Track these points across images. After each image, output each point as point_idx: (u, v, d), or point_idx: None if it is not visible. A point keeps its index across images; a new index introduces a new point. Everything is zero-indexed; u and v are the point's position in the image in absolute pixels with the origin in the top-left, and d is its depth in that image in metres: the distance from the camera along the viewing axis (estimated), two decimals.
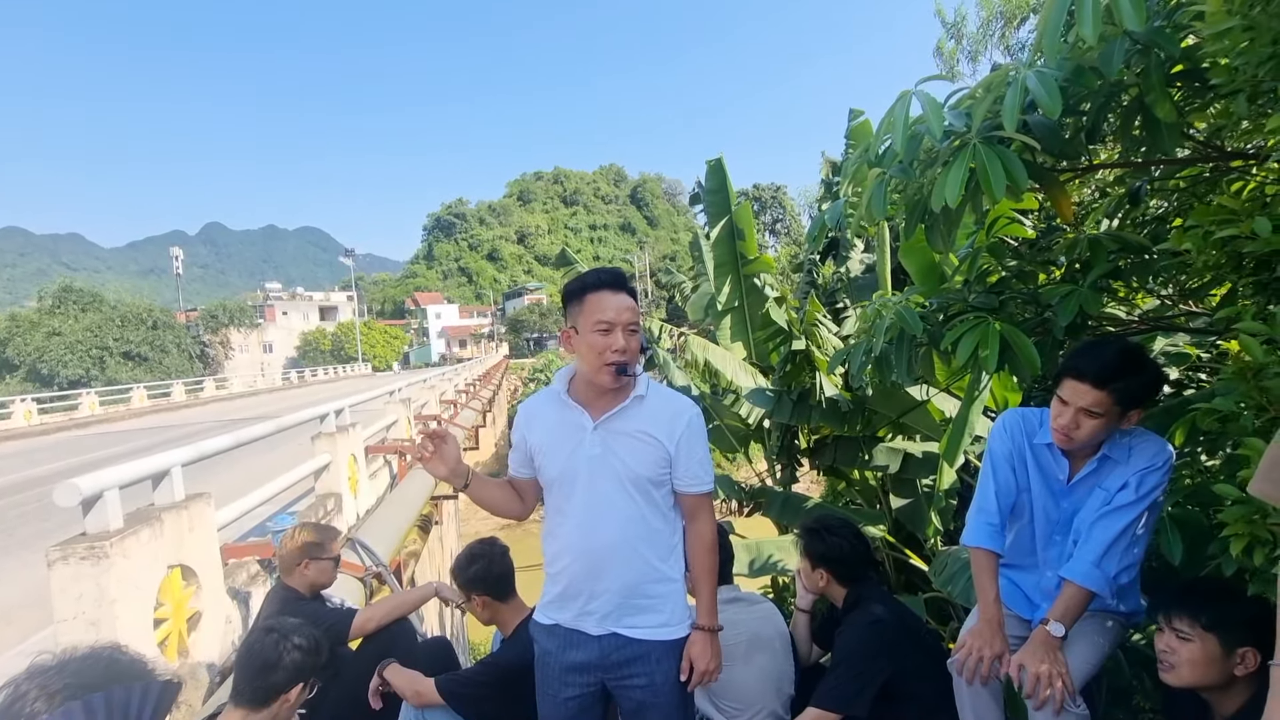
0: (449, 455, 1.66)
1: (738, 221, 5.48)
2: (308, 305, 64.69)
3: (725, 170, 5.61)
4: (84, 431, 17.15)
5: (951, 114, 1.73)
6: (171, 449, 3.37)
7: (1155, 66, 1.52)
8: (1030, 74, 1.51)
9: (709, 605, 1.72)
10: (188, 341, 45.34)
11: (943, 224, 1.91)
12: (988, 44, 14.76)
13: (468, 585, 2.27)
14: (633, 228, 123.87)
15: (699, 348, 5.18)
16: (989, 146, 1.60)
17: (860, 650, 2.02)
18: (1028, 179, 1.60)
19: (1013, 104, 1.50)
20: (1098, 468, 1.74)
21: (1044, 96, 1.47)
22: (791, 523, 4.48)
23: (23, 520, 7.04)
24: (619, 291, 1.63)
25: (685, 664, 1.68)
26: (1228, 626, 1.50)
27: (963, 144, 1.66)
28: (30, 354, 37.90)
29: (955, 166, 1.63)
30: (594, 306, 1.61)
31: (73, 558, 2.47)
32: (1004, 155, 1.59)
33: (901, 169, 1.85)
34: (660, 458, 1.66)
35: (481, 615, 2.31)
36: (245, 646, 1.78)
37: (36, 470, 10.47)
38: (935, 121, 1.65)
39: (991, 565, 1.80)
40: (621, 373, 1.61)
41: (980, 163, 1.59)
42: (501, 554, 2.30)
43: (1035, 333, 2.14)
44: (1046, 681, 1.58)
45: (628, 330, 1.60)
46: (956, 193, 1.62)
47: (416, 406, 10.46)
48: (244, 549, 4.00)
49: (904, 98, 1.75)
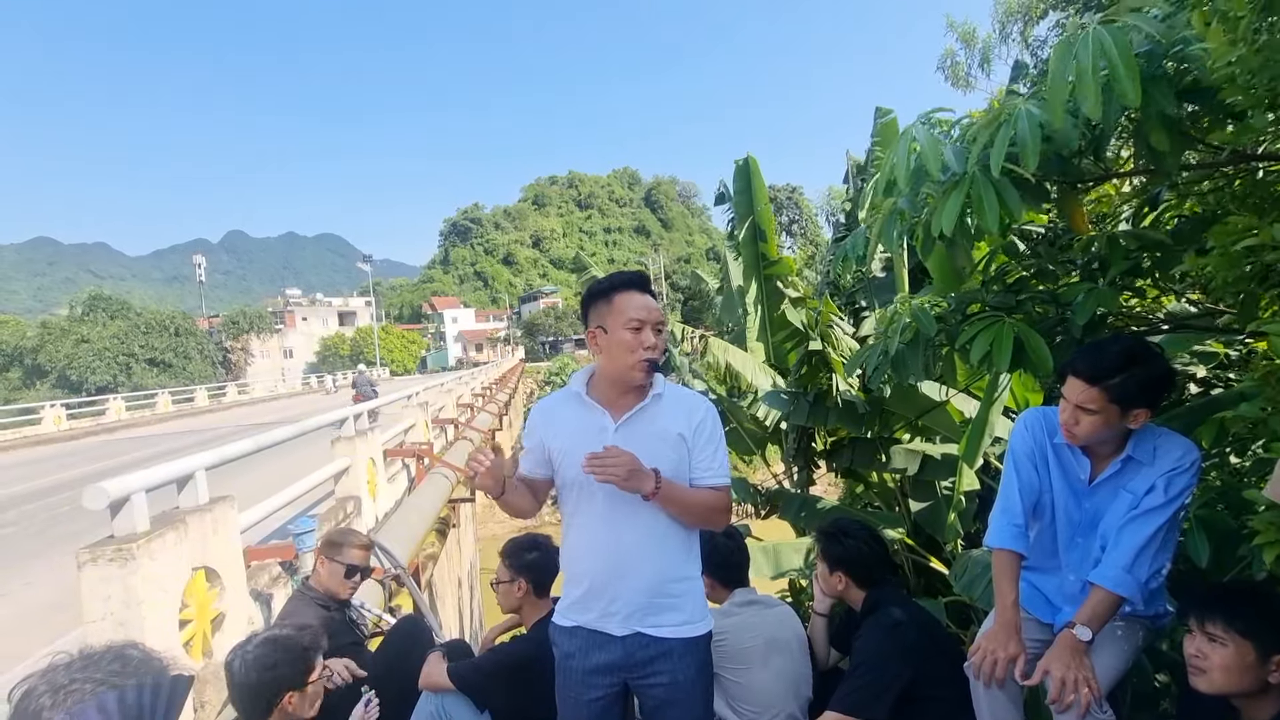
0: (498, 472, 1.67)
1: (760, 223, 5.44)
2: (327, 311, 65.58)
3: (756, 170, 5.51)
4: (111, 436, 17.53)
5: (951, 150, 1.82)
6: (196, 453, 3.44)
7: (1158, 93, 1.51)
8: (1022, 111, 1.58)
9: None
10: (210, 348, 46.23)
11: (958, 245, 1.96)
12: (1005, 44, 14.57)
13: (519, 568, 2.34)
14: (647, 230, 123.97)
15: (720, 349, 5.15)
16: (985, 176, 1.67)
17: (880, 654, 2.00)
18: (1022, 207, 1.70)
19: (1001, 144, 1.57)
20: (1121, 469, 1.71)
21: (1026, 145, 1.55)
22: (808, 526, 4.45)
23: (54, 522, 7.21)
24: (644, 292, 1.69)
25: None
26: (1264, 632, 1.45)
27: (955, 184, 1.75)
28: (60, 361, 38.90)
29: (952, 197, 1.73)
30: (624, 305, 1.66)
31: (101, 559, 2.53)
32: (999, 186, 1.66)
33: (908, 202, 1.97)
34: (680, 456, 1.69)
35: (513, 600, 2.37)
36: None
37: (66, 474, 10.72)
38: (933, 160, 1.75)
39: (1014, 567, 1.78)
40: (654, 368, 1.68)
41: (976, 194, 1.68)
42: (555, 552, 2.36)
43: (1054, 332, 2.12)
44: (1072, 686, 1.55)
45: (656, 328, 1.66)
46: (951, 223, 1.72)
47: (434, 410, 10.55)
48: (266, 551, 4.06)
49: (906, 133, 1.85)
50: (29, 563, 5.62)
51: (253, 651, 1.82)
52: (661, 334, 1.67)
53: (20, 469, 11.97)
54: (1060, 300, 2.16)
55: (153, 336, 42.04)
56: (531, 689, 2.13)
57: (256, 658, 1.80)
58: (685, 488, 1.68)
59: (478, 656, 2.45)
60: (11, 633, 4.10)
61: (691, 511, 1.70)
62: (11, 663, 3.51)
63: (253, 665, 1.78)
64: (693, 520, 1.73)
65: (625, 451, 1.58)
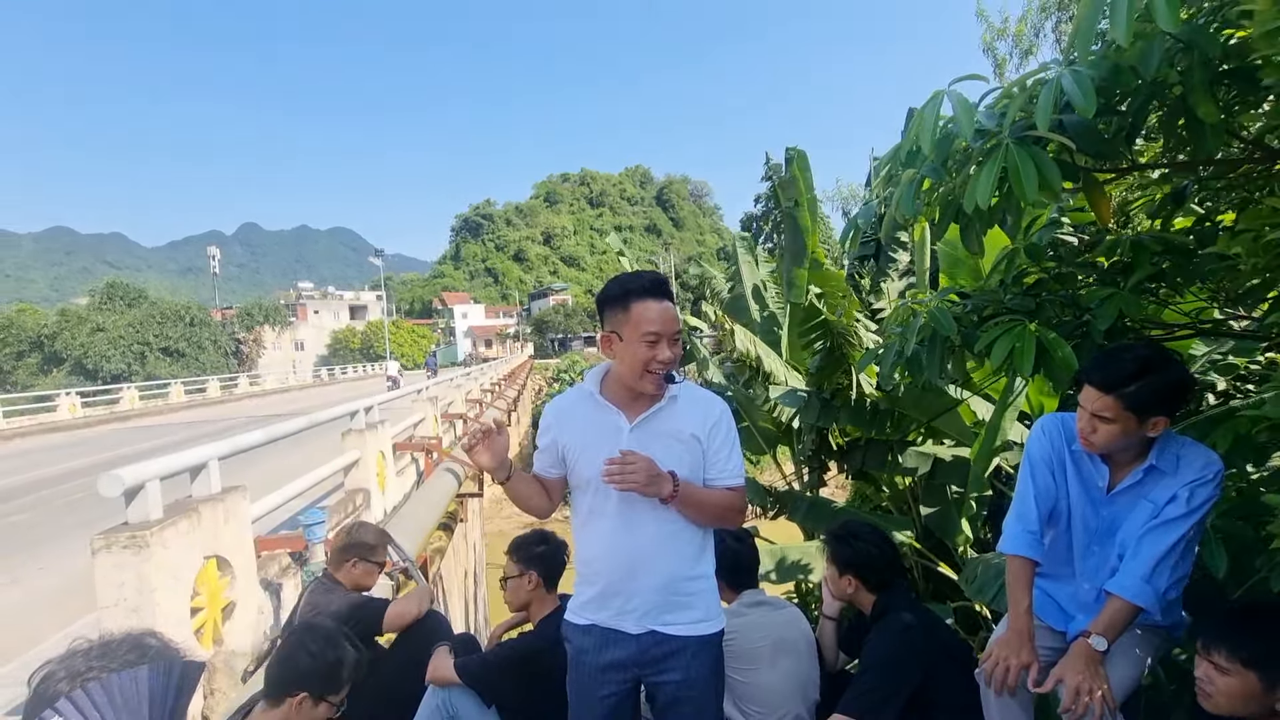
0: (497, 449, 1.66)
1: (805, 216, 5.34)
2: (338, 304, 65.99)
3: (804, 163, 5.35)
4: (124, 425, 17.73)
5: (984, 114, 1.69)
6: (209, 443, 3.47)
7: (1198, 65, 1.46)
8: (1066, 73, 1.47)
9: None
10: (223, 339, 46.69)
11: (977, 225, 1.88)
12: (1038, 41, 14.41)
13: (529, 561, 2.35)
14: (658, 229, 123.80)
15: (747, 339, 5.07)
16: (1022, 147, 1.56)
17: (889, 658, 1.99)
18: (1062, 179, 1.56)
19: (1047, 102, 1.45)
20: (1143, 479, 1.68)
21: (1079, 96, 1.42)
22: (817, 528, 4.43)
23: (69, 509, 7.30)
24: (662, 299, 1.61)
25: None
26: (1269, 663, 1.42)
27: (995, 145, 1.62)
28: (76, 349, 39.43)
29: (988, 167, 1.60)
30: (640, 317, 1.59)
31: (115, 546, 2.56)
32: (1036, 155, 1.55)
33: (933, 169, 1.81)
34: (695, 457, 1.68)
35: (522, 594, 2.37)
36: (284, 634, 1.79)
37: (80, 461, 10.86)
38: (966, 121, 1.62)
39: (1028, 574, 1.76)
40: (669, 380, 1.66)
41: (1012, 163, 1.56)
42: (562, 547, 2.39)
43: (1074, 336, 2.09)
44: (1086, 696, 1.53)
45: (672, 340, 1.61)
46: (988, 194, 1.58)
47: (443, 405, 10.59)
48: (276, 541, 4.09)
49: (935, 98, 1.71)
50: (43, 549, 5.69)
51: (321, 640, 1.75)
52: (678, 343, 1.63)
53: (36, 455, 12.14)
54: (1080, 304, 2.13)
55: (168, 326, 42.55)
56: (539, 684, 2.13)
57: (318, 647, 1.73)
58: (702, 489, 1.68)
59: (485, 651, 2.46)
60: (26, 617, 4.15)
61: (708, 512, 1.69)
62: (26, 646, 3.56)
63: (308, 653, 1.72)
64: (708, 520, 1.72)
65: (643, 456, 1.57)
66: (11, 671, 3.25)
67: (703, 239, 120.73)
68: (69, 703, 0.91)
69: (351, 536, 2.73)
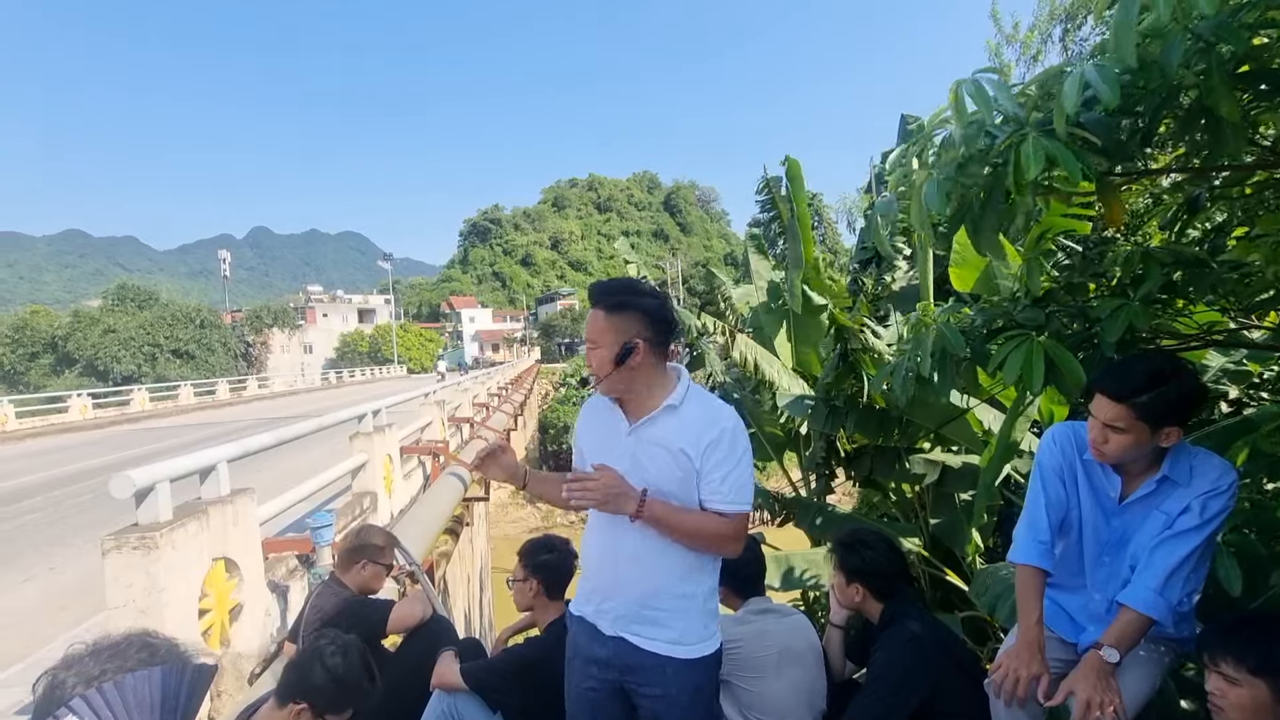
0: (505, 464, 1.79)
1: (799, 225, 5.40)
2: (347, 308, 66.35)
3: (798, 172, 5.50)
4: (135, 426, 17.86)
5: (1009, 102, 1.63)
6: (218, 445, 3.49)
7: (1218, 65, 1.45)
8: (1089, 66, 1.44)
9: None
10: (233, 341, 47.02)
11: (989, 226, 1.84)
12: (1045, 47, 14.31)
13: (533, 568, 2.38)
14: (665, 234, 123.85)
15: (746, 347, 5.09)
16: (1049, 138, 1.51)
17: (897, 668, 1.97)
18: (1090, 167, 1.53)
19: (1073, 90, 1.40)
20: (1156, 489, 1.66)
21: (1103, 88, 1.39)
22: (824, 535, 4.40)
23: (79, 509, 7.36)
24: (594, 307, 1.67)
25: None
26: (1278, 668, 1.39)
27: (1023, 138, 1.56)
28: (88, 350, 39.81)
29: (1028, 145, 1.53)
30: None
31: (125, 547, 2.57)
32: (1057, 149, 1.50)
33: (958, 165, 1.73)
34: (686, 473, 1.61)
35: (526, 599, 2.41)
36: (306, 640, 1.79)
37: (91, 462, 10.94)
38: (1005, 100, 1.57)
39: (1038, 584, 1.74)
40: (584, 383, 1.75)
41: (1053, 147, 1.50)
42: (570, 556, 2.42)
43: (1082, 347, 2.07)
44: (1098, 708, 1.52)
45: (591, 346, 1.66)
46: (1039, 164, 1.50)
47: (450, 409, 10.62)
48: (283, 544, 4.11)
49: (958, 88, 1.65)
50: (54, 548, 5.74)
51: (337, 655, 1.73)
52: (597, 350, 1.62)
53: (48, 456, 12.24)
54: (1089, 315, 2.11)
55: (178, 328, 42.91)
56: (544, 689, 2.13)
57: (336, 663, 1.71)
58: (679, 510, 1.60)
59: (491, 656, 2.46)
60: (36, 617, 4.18)
61: (688, 535, 1.60)
62: (36, 645, 3.59)
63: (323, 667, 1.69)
64: (693, 545, 1.62)
65: (610, 472, 1.59)
66: (21, 672, 3.28)
67: (710, 244, 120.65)
68: (83, 702, 0.91)
69: (359, 539, 2.74)
